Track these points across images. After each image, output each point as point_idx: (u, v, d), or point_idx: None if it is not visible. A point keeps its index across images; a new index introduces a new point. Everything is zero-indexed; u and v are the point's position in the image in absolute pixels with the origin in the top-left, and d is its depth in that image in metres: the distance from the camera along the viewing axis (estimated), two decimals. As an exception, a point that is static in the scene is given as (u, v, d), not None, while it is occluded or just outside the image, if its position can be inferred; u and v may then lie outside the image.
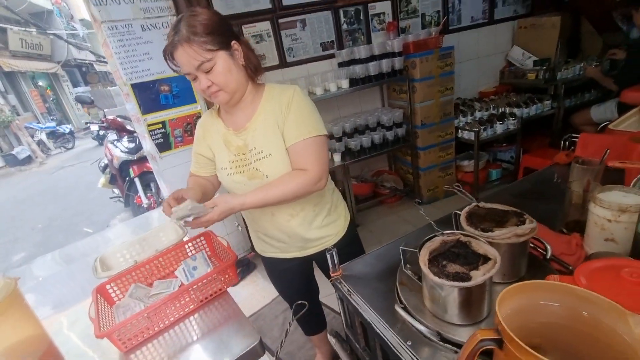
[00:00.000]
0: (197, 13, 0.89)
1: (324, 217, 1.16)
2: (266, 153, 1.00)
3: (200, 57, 0.87)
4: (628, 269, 0.52)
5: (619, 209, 0.74)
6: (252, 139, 1.01)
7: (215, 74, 0.90)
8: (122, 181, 3.69)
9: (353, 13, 2.80)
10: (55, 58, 13.57)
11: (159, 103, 2.20)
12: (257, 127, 1.01)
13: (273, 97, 1.02)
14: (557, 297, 0.48)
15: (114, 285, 0.97)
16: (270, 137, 1.00)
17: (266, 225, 1.13)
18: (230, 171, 1.04)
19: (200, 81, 0.91)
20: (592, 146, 1.26)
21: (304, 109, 0.99)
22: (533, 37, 3.19)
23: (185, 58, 0.87)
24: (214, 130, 1.08)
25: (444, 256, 0.69)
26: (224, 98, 0.95)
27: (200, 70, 0.89)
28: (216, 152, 1.08)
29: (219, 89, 0.93)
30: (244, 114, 1.03)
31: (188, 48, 0.86)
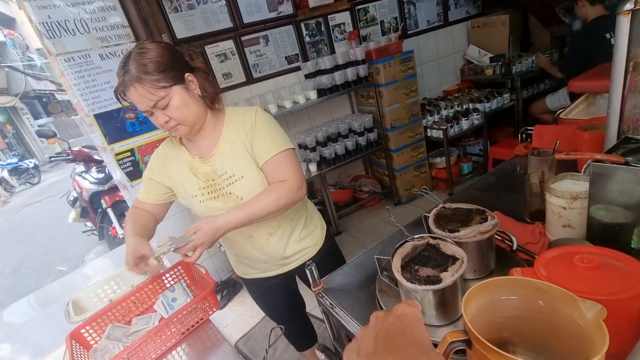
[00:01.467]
0: (146, 50, 0.86)
1: (300, 229, 1.17)
2: (238, 176, 1.01)
3: (153, 97, 0.85)
4: (579, 256, 0.56)
5: (571, 196, 0.80)
6: (221, 164, 1.01)
7: (171, 109, 0.89)
8: (94, 213, 3.55)
9: (314, 25, 2.86)
10: (12, 91, 12.97)
11: (126, 131, 2.16)
12: (224, 152, 1.01)
13: (236, 121, 1.02)
14: (515, 290, 0.51)
15: (89, 328, 0.93)
16: (240, 161, 1.01)
17: (245, 247, 1.12)
18: (202, 198, 1.03)
19: (157, 117, 0.90)
20: (546, 136, 1.34)
21: (268, 127, 1.01)
22: (486, 35, 3.36)
23: (138, 98, 0.86)
24: (178, 160, 1.06)
25: (416, 261, 0.72)
26: (184, 131, 0.94)
27: (156, 108, 0.88)
28: (181, 182, 1.05)
29: (178, 123, 0.91)
30: (208, 141, 1.03)
31: (140, 88, 0.84)
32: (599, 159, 0.72)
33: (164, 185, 1.07)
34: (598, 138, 1.06)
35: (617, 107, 0.80)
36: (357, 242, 2.84)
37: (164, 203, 1.12)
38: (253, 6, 2.62)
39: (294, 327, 1.49)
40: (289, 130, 2.97)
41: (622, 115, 0.80)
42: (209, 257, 2.62)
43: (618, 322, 0.49)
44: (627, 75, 0.76)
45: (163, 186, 1.07)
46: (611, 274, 0.53)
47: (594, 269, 0.54)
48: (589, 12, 2.39)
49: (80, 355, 0.87)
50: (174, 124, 0.91)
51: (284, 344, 1.99)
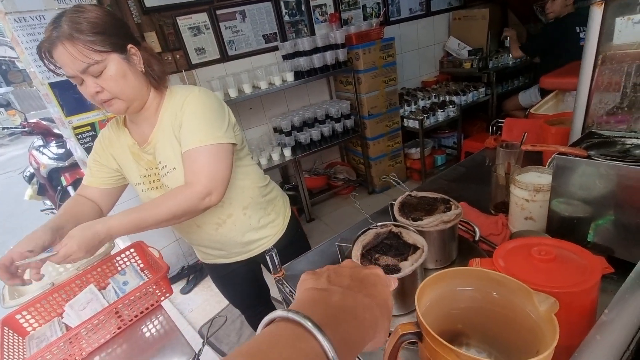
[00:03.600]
0: (85, 10, 0.77)
1: (259, 218, 1.09)
2: (170, 167, 0.90)
3: (86, 59, 0.74)
4: (537, 248, 0.55)
5: (534, 189, 0.80)
6: (158, 153, 0.91)
7: (105, 78, 0.78)
8: (53, 191, 3.32)
9: (294, 4, 2.75)
10: (-36, 55, 11.83)
11: (85, 103, 2.00)
12: (159, 138, 0.91)
13: (172, 104, 0.90)
14: (471, 282, 0.49)
15: (26, 314, 0.85)
16: (172, 149, 0.89)
17: (196, 237, 1.06)
18: (144, 187, 0.96)
19: (88, 86, 0.78)
20: (516, 130, 1.35)
21: (198, 113, 0.86)
22: (466, 28, 3.37)
23: (67, 58, 0.74)
24: (121, 142, 0.96)
25: (377, 249, 0.69)
26: (119, 107, 0.82)
27: (87, 74, 0.76)
28: (124, 165, 0.96)
29: (112, 96, 0.80)
30: (149, 124, 0.93)
31: (70, 47, 0.73)
32: (563, 152, 0.72)
33: (110, 168, 0.98)
34: (564, 132, 1.07)
35: (583, 101, 0.80)
36: (330, 229, 2.83)
37: (112, 188, 1.01)
38: (230, -22, 2.47)
39: (256, 313, 1.46)
40: (265, 113, 2.88)
41: (588, 110, 0.80)
42: (176, 240, 2.53)
43: (570, 315, 0.49)
44: (595, 69, 0.75)
45: (109, 168, 0.98)
46: (566, 267, 0.53)
47: (550, 261, 0.53)
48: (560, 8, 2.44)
49: (13, 342, 0.79)
50: (107, 97, 0.80)
51: (249, 330, 1.97)
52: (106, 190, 1.00)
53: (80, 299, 0.89)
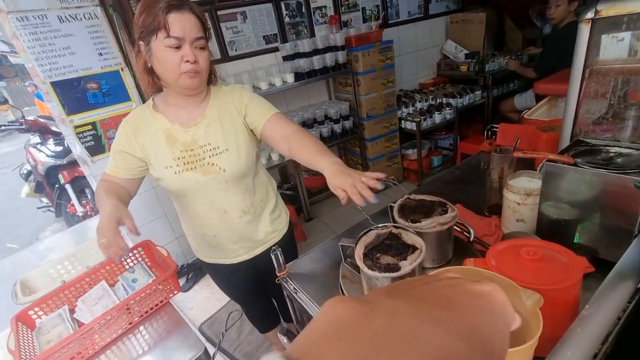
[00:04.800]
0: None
1: (270, 211, 1.18)
2: (223, 148, 1.01)
3: (202, 32, 0.89)
4: (525, 248, 0.60)
5: (525, 193, 0.85)
6: (205, 134, 1.00)
7: (203, 55, 0.91)
8: (50, 189, 3.33)
9: (295, 6, 2.78)
10: (-44, 49, 11.66)
11: (87, 102, 2.02)
12: (210, 122, 1.01)
13: (223, 97, 1.04)
14: (467, 280, 0.54)
15: (38, 310, 0.88)
16: (228, 134, 1.02)
17: (217, 225, 1.09)
18: (178, 169, 0.99)
19: (187, 52, 0.87)
20: (510, 135, 1.40)
21: (255, 97, 1.07)
22: (464, 31, 3.43)
23: (188, 23, 0.85)
24: (153, 127, 1.00)
25: (378, 249, 0.74)
26: (197, 81, 0.93)
27: (194, 43, 0.88)
28: (153, 151, 1.00)
29: (199, 70, 0.91)
30: (196, 109, 1.02)
31: (195, 18, 0.87)
32: (552, 159, 0.77)
33: (136, 157, 1.01)
34: (554, 139, 1.13)
35: (572, 110, 0.85)
36: (329, 228, 2.87)
37: (135, 178, 1.05)
38: (231, -21, 2.50)
39: (257, 309, 1.50)
40: (264, 113, 2.90)
41: (576, 119, 0.85)
42: (176, 238, 2.56)
43: (554, 309, 0.54)
44: (583, 82, 0.80)
45: (135, 158, 1.01)
46: (552, 266, 0.58)
47: (537, 261, 0.58)
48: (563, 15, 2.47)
49: (26, 338, 0.83)
50: (197, 69, 0.90)
51: (249, 326, 2.01)
52: (129, 180, 1.04)
53: (92, 294, 0.92)
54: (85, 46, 1.95)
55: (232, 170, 1.01)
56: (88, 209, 3.23)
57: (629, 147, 0.75)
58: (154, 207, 2.40)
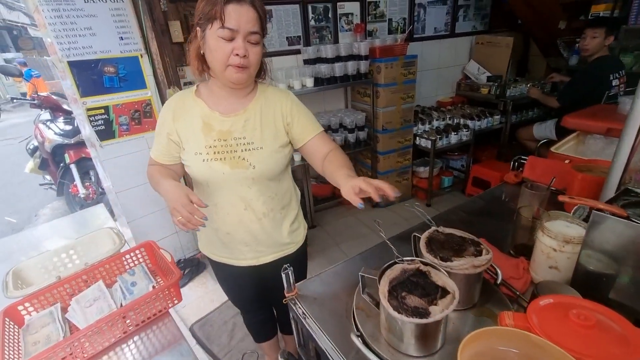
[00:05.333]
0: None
1: (290, 222, 1.14)
2: (257, 145, 0.99)
3: (258, 27, 0.87)
4: (575, 311, 0.54)
5: (563, 239, 0.78)
6: (243, 128, 0.98)
7: (255, 51, 0.89)
8: (55, 167, 3.28)
9: (322, 10, 2.74)
10: (-23, 16, 11.75)
11: (102, 85, 1.97)
12: (251, 117, 0.99)
13: (270, 97, 1.03)
14: (514, 343, 0.48)
15: (28, 305, 0.82)
16: (266, 133, 1.00)
17: (233, 222, 1.05)
18: (207, 157, 0.96)
19: (239, 45, 0.85)
20: (538, 169, 1.34)
21: (303, 107, 1.07)
22: (488, 53, 3.37)
23: (246, 16, 0.84)
24: (192, 112, 0.98)
25: (403, 286, 0.67)
26: (244, 76, 0.91)
27: (248, 37, 0.86)
28: (187, 137, 0.98)
29: (247, 65, 0.89)
30: (239, 102, 1.00)
31: (253, 12, 0.85)
32: (600, 208, 0.70)
33: (173, 141, 1.00)
34: (591, 180, 1.07)
35: (624, 156, 0.79)
36: (331, 238, 2.81)
37: (177, 163, 1.04)
38: (261, -23, 2.46)
39: (256, 317, 1.44)
40: (279, 115, 2.86)
41: (628, 166, 0.79)
42: (175, 232, 2.50)
43: (608, 389, 0.47)
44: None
45: (173, 142, 1.00)
46: (608, 336, 0.51)
47: (590, 328, 0.52)
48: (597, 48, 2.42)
49: (13, 334, 0.77)
50: (246, 64, 0.89)
51: (242, 333, 1.95)
52: (173, 165, 1.04)
53: (88, 295, 0.86)
54: (107, 29, 1.91)
55: (262, 169, 0.99)
56: (90, 191, 3.19)
57: (686, 205, 0.69)
58: (157, 199, 2.34)
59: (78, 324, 0.82)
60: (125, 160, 2.14)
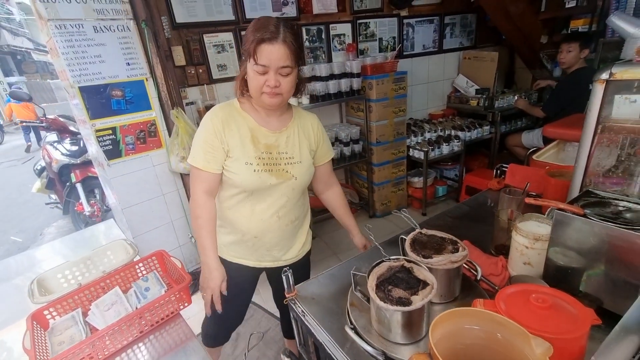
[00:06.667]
0: (292, 26, 0.99)
1: (306, 229, 1.34)
2: (297, 160, 1.14)
3: (288, 62, 0.96)
4: (535, 295, 0.63)
5: (533, 237, 0.87)
6: (285, 143, 1.12)
7: (286, 80, 1.00)
8: (61, 186, 3.38)
9: (315, 32, 2.90)
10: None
11: (110, 108, 2.09)
12: (291, 134, 1.13)
13: (304, 118, 1.19)
14: (478, 321, 0.56)
15: (52, 310, 0.91)
16: (302, 149, 1.15)
17: (264, 226, 1.16)
18: (258, 167, 1.07)
19: (270, 77, 0.97)
20: (518, 175, 1.44)
21: (326, 133, 1.25)
22: (475, 67, 3.53)
23: (277, 54, 0.93)
24: (240, 124, 1.08)
25: (390, 281, 0.76)
26: (277, 101, 1.03)
27: (278, 71, 0.96)
28: (236, 147, 1.06)
29: (281, 92, 1.00)
30: (278, 120, 1.13)
31: (284, 49, 0.94)
32: (562, 208, 0.80)
33: (223, 149, 1.06)
34: (562, 185, 1.17)
35: (583, 161, 0.89)
36: (329, 248, 2.88)
37: (219, 173, 1.09)
38: (257, 3, 2.62)
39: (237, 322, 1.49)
40: (277, 131, 2.97)
41: (587, 170, 0.89)
42: (179, 246, 2.58)
43: (561, 358, 0.56)
44: (595, 136, 0.85)
45: (222, 150, 1.06)
46: (560, 315, 0.60)
47: (546, 309, 0.61)
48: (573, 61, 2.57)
49: (39, 337, 0.85)
50: (278, 91, 1.00)
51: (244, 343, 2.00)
52: (217, 175, 1.08)
53: (106, 300, 0.95)
54: (115, 55, 2.04)
55: (302, 180, 1.15)
56: (95, 209, 3.27)
57: (637, 203, 0.79)
58: (162, 214, 2.43)
59: (98, 326, 0.90)
60: (131, 177, 2.24)
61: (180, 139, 2.19)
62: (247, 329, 2.17)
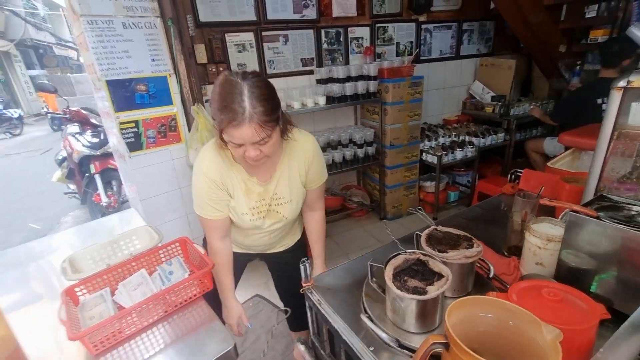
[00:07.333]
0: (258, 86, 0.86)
1: (296, 228, 1.39)
2: (287, 199, 1.15)
3: (262, 134, 0.87)
4: (547, 289, 0.65)
5: (546, 238, 0.90)
6: (275, 187, 1.12)
7: (267, 146, 0.92)
8: (80, 177, 3.50)
9: (334, 34, 2.95)
10: (8, 36, 12.53)
11: (134, 102, 2.17)
12: (281, 176, 1.12)
13: (295, 150, 1.10)
14: (491, 309, 0.59)
15: (83, 288, 0.96)
16: (293, 187, 1.15)
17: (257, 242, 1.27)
18: (253, 217, 1.14)
19: (249, 151, 0.90)
20: (533, 181, 1.45)
21: (321, 157, 1.19)
22: (492, 74, 3.54)
23: (248, 133, 0.85)
24: (232, 174, 1.07)
25: (406, 272, 0.80)
26: (260, 162, 0.98)
27: (254, 144, 0.89)
28: (234, 195, 1.10)
29: (264, 156, 0.94)
30: (269, 166, 1.10)
31: (255, 126, 0.85)
32: (576, 210, 0.82)
33: (227, 193, 1.08)
34: (577, 191, 1.18)
35: (598, 167, 0.91)
36: (340, 249, 2.91)
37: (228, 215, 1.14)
38: (279, 4, 2.69)
39: None
40: (292, 130, 3.03)
41: (602, 175, 0.91)
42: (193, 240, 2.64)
43: (570, 349, 0.58)
44: (611, 142, 0.87)
45: (227, 194, 1.09)
46: (570, 308, 0.63)
47: (557, 302, 0.63)
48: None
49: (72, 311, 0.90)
50: (261, 157, 0.93)
51: (254, 335, 2.05)
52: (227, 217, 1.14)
53: (132, 280, 1.00)
54: (141, 51, 2.13)
55: (291, 218, 1.20)
56: (112, 200, 3.37)
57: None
58: (177, 207, 2.50)
59: (124, 304, 0.96)
60: (151, 170, 2.31)
61: (199, 134, 2.26)
62: (256, 323, 2.21)
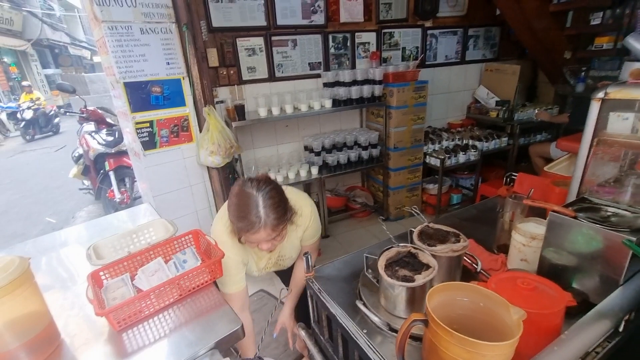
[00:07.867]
0: (270, 196, 1.03)
1: None
2: (288, 256, 1.37)
3: (275, 234, 1.06)
4: (521, 279, 0.73)
5: (530, 236, 0.97)
6: (281, 249, 1.32)
7: (278, 238, 1.11)
8: (95, 173, 3.64)
9: (341, 39, 3.04)
10: (25, 35, 12.89)
11: (149, 103, 2.29)
12: (285, 243, 1.26)
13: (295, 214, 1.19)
14: (468, 294, 0.67)
15: (106, 272, 1.07)
16: (293, 247, 1.34)
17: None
18: (260, 273, 1.36)
19: (263, 245, 1.09)
20: (526, 184, 1.52)
21: (317, 220, 1.33)
22: (497, 79, 3.59)
23: (263, 236, 1.04)
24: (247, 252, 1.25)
25: (397, 263, 0.88)
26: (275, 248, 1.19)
27: (267, 241, 1.08)
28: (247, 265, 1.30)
29: (277, 245, 1.14)
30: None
31: (269, 229, 1.03)
32: (556, 210, 0.90)
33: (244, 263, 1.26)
34: (565, 194, 1.25)
35: (580, 171, 0.98)
36: (342, 248, 2.99)
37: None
38: (288, 10, 2.79)
39: None
40: (299, 132, 3.13)
41: (583, 179, 0.98)
42: (201, 235, 2.74)
43: (539, 331, 0.66)
44: (591, 148, 0.94)
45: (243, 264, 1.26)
46: (541, 296, 0.70)
47: (530, 290, 0.71)
48: None
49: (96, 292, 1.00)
50: (273, 248, 1.13)
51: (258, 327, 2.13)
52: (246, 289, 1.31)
53: (150, 267, 1.10)
54: (156, 55, 2.24)
55: (291, 265, 1.43)
56: (125, 196, 3.51)
57: (625, 210, 0.87)
58: (187, 204, 2.61)
59: (143, 288, 1.05)
60: (163, 168, 2.43)
61: (210, 135, 2.37)
62: (260, 317, 2.31)
